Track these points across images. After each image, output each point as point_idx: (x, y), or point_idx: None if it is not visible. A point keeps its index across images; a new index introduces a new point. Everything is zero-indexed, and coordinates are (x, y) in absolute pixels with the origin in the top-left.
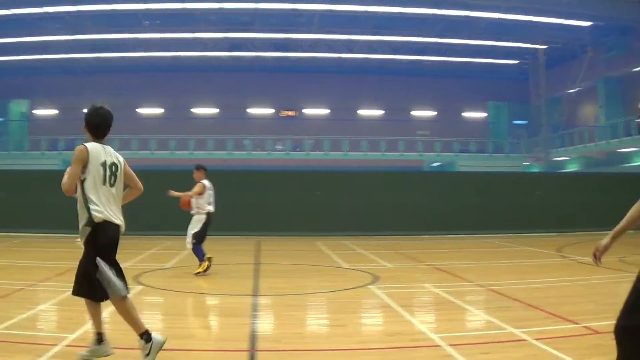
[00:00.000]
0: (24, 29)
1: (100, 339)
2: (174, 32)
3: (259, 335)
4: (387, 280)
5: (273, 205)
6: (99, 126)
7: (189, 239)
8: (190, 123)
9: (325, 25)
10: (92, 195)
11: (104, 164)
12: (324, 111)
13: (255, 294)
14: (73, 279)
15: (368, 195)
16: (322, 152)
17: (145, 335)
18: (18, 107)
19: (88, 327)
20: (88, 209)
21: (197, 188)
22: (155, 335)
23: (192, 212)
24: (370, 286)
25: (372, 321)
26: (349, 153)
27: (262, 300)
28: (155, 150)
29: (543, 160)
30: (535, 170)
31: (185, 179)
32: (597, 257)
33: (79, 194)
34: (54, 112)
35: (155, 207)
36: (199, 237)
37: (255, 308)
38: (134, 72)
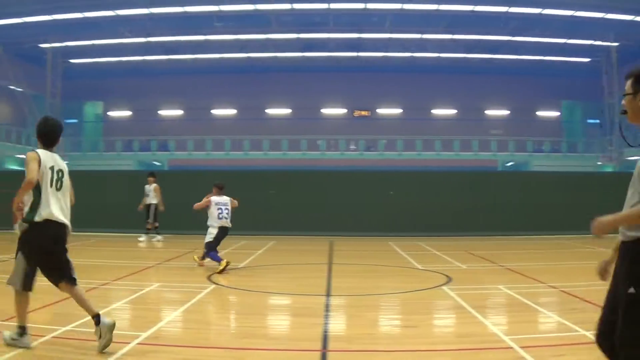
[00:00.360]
0: (97, 31)
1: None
2: (247, 33)
3: (331, 335)
4: (460, 281)
5: (346, 205)
6: (47, 135)
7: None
8: (264, 124)
9: (398, 24)
10: (40, 195)
11: (52, 169)
12: (397, 111)
13: (327, 294)
14: (147, 279)
15: (441, 196)
16: (396, 152)
17: (20, 329)
18: (92, 108)
19: (161, 325)
20: (33, 207)
21: (201, 202)
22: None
23: (208, 223)
24: (443, 287)
25: (444, 322)
26: (423, 153)
27: (335, 301)
28: (230, 151)
29: (616, 160)
30: (609, 169)
31: (258, 179)
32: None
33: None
34: (127, 113)
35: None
36: (210, 247)
37: (327, 308)
38: (207, 74)
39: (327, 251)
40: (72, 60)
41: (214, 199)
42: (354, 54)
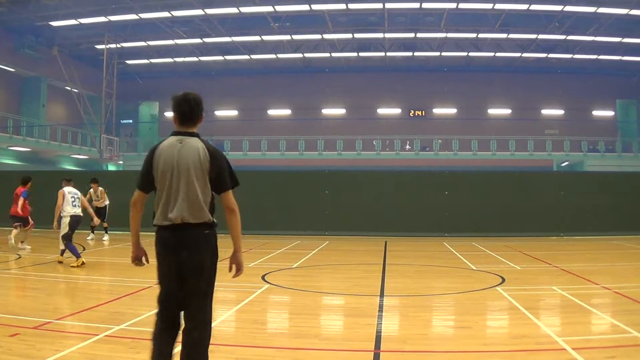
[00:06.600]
0: (153, 33)
1: None
2: (302, 33)
3: (384, 335)
4: (514, 282)
5: (401, 205)
6: None
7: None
8: (319, 124)
9: (453, 23)
10: None
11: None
12: (452, 110)
13: (381, 294)
14: None
15: (497, 196)
16: (451, 152)
17: None
18: (148, 109)
19: (214, 324)
20: None
21: (58, 200)
22: None
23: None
24: (497, 288)
25: (497, 323)
26: (478, 153)
27: (388, 301)
28: (285, 151)
29: None
30: None
31: (313, 179)
32: None
33: None
34: None
35: (285, 207)
36: (68, 239)
37: (381, 308)
38: (262, 74)
39: (381, 251)
40: (127, 61)
41: (67, 189)
42: (409, 53)
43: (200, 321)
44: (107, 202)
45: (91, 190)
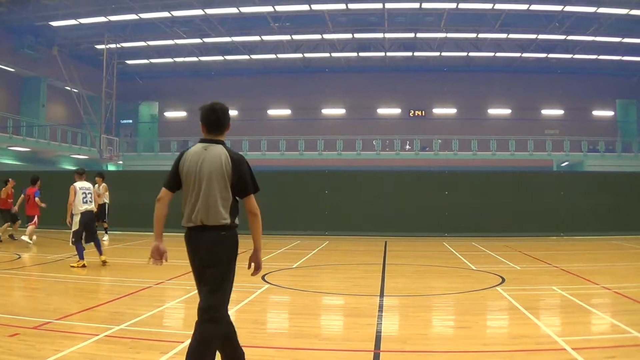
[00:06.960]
0: (153, 33)
1: None
2: (302, 33)
3: (384, 335)
4: (514, 282)
5: (401, 205)
6: None
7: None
8: (319, 124)
9: (453, 23)
10: None
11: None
12: (452, 110)
13: (381, 294)
14: None
15: (496, 196)
16: (451, 152)
17: None
18: (148, 109)
19: None
20: None
21: (70, 196)
22: None
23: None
24: (497, 288)
25: (497, 323)
26: (478, 153)
27: (388, 301)
28: (285, 151)
29: None
30: None
31: (313, 179)
32: None
33: None
34: (183, 114)
35: (285, 207)
36: (77, 236)
37: (381, 308)
38: (262, 74)
39: (381, 251)
40: (127, 61)
41: (77, 184)
42: (409, 53)
43: (211, 317)
44: (106, 200)
45: (96, 185)
